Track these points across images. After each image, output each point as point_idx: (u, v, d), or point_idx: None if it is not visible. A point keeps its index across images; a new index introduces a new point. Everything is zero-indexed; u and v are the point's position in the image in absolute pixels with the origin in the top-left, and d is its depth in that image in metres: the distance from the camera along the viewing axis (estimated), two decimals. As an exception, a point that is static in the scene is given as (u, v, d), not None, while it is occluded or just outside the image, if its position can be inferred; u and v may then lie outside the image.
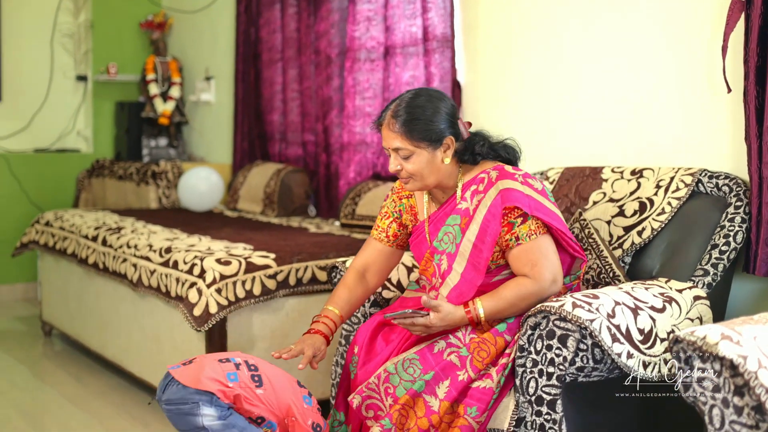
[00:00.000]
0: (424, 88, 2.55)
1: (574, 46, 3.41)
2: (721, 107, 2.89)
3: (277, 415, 2.37)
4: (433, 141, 2.45)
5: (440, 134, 2.45)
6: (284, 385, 2.40)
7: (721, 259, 2.65)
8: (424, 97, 2.47)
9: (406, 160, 2.46)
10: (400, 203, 2.71)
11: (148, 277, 3.55)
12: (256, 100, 5.50)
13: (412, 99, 2.46)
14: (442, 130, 2.45)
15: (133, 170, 5.71)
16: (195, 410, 2.27)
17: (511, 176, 2.46)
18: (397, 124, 2.44)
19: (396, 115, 2.44)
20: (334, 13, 4.75)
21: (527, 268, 2.42)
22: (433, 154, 2.46)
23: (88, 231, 4.25)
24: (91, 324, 4.24)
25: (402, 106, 2.45)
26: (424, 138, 2.44)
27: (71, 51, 6.38)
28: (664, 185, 2.89)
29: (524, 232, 2.42)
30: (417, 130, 2.43)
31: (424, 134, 2.43)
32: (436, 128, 2.44)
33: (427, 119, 2.43)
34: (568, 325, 2.25)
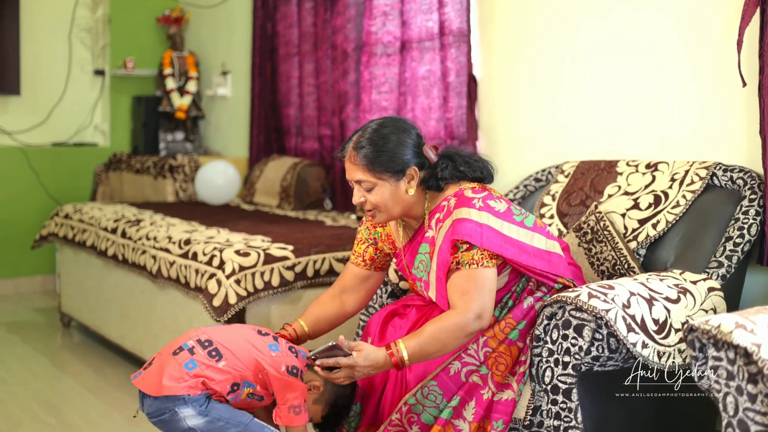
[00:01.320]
0: (389, 117, 2.49)
1: (590, 40, 3.43)
2: (735, 101, 2.91)
3: (249, 375, 2.34)
4: (396, 172, 2.40)
5: (403, 165, 2.40)
6: (242, 344, 2.35)
7: (735, 252, 2.67)
8: (389, 128, 2.42)
9: (369, 192, 2.41)
10: (375, 231, 2.69)
11: (168, 268, 3.59)
12: (272, 94, 5.53)
13: (376, 130, 2.41)
14: (405, 161, 2.40)
15: (150, 164, 5.76)
16: (175, 416, 2.28)
17: (468, 203, 2.37)
18: (358, 156, 2.39)
19: (357, 147, 2.40)
20: (351, 8, 4.76)
21: (456, 296, 2.33)
22: (396, 185, 2.42)
23: (108, 223, 4.30)
24: (110, 315, 4.29)
25: (364, 137, 2.41)
26: (387, 169, 2.39)
27: (89, 45, 6.43)
28: (678, 178, 2.91)
29: (466, 260, 2.34)
30: (379, 162, 2.38)
31: (386, 166, 2.38)
32: (398, 159, 2.39)
33: (389, 151, 2.38)
34: (583, 315, 2.28)
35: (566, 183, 3.29)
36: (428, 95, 4.22)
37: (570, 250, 2.65)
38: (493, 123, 3.90)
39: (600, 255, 2.88)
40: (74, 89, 6.37)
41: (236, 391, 2.34)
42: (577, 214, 3.13)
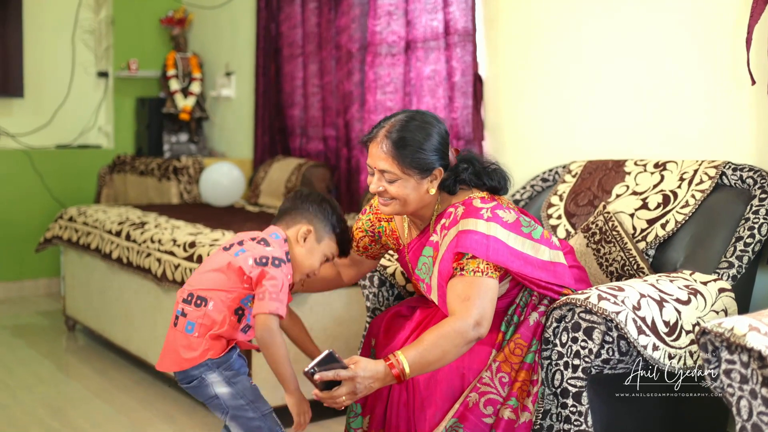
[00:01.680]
0: (419, 111, 2.41)
1: (596, 38, 3.41)
2: (745, 99, 2.89)
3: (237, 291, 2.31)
4: (423, 170, 2.34)
5: (431, 165, 2.34)
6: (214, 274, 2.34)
7: (746, 252, 2.64)
8: (418, 122, 2.35)
9: (391, 183, 2.35)
10: (379, 225, 2.63)
11: (173, 271, 3.57)
12: (276, 95, 5.51)
13: (407, 122, 2.35)
14: (433, 161, 2.34)
15: (154, 166, 5.74)
16: (203, 383, 2.32)
17: (476, 213, 2.32)
18: (389, 146, 2.32)
19: (389, 136, 2.32)
20: (355, 8, 4.75)
21: (458, 301, 2.25)
22: (420, 183, 2.35)
23: (112, 226, 4.28)
24: (115, 318, 4.27)
25: (396, 127, 2.34)
26: (415, 167, 2.32)
27: (92, 47, 6.41)
28: (687, 178, 2.89)
29: (471, 267, 2.27)
30: (409, 158, 2.31)
31: (415, 163, 2.32)
32: (428, 158, 2.33)
33: (419, 148, 2.32)
34: (593, 317, 2.25)
35: (574, 183, 3.26)
36: (433, 95, 4.19)
37: (575, 253, 2.62)
38: (500, 123, 3.88)
39: (609, 256, 2.86)
40: (78, 91, 6.34)
41: (244, 313, 2.32)
42: (585, 214, 3.11)
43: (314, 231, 2.45)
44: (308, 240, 2.44)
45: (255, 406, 2.34)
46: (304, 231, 2.44)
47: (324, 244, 2.47)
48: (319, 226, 2.46)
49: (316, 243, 2.46)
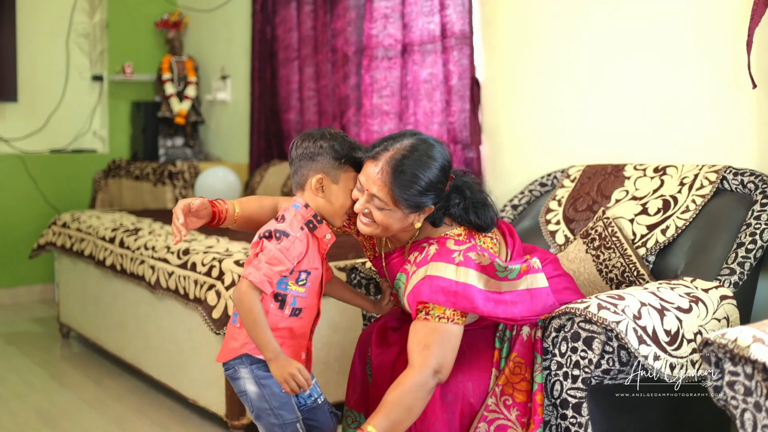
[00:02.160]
0: (425, 141, 2.27)
1: (594, 41, 3.37)
2: (745, 103, 2.86)
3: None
4: (414, 207, 2.25)
5: (423, 204, 2.25)
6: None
7: (748, 258, 2.60)
8: (422, 154, 2.22)
9: (378, 210, 2.25)
10: (355, 228, 2.53)
11: (166, 279, 3.53)
12: (272, 98, 5.47)
13: (410, 152, 2.22)
14: (426, 200, 2.25)
15: (149, 170, 5.70)
16: (235, 374, 2.33)
17: (448, 256, 2.24)
18: (388, 174, 2.22)
19: (390, 164, 2.22)
20: (351, 11, 4.70)
21: (417, 349, 2.20)
22: (407, 216, 2.27)
23: (106, 233, 4.24)
24: (109, 326, 4.23)
25: (399, 155, 2.22)
26: (408, 203, 2.23)
27: (87, 51, 6.38)
28: (688, 183, 2.85)
29: (436, 313, 2.22)
30: (405, 194, 2.21)
31: (410, 200, 2.23)
32: (422, 196, 2.23)
33: (417, 185, 2.21)
34: (593, 327, 2.21)
35: (572, 188, 3.23)
36: (430, 99, 4.15)
37: (558, 261, 2.57)
38: (497, 126, 3.84)
39: (608, 262, 2.82)
40: (72, 95, 6.31)
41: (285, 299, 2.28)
42: (584, 219, 3.07)
43: (325, 175, 2.32)
44: (325, 187, 2.32)
45: (278, 413, 2.30)
46: (314, 183, 2.31)
47: (341, 180, 2.33)
48: (326, 167, 2.32)
49: (334, 184, 2.32)
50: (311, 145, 2.32)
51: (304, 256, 2.27)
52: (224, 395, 3.21)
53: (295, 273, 2.28)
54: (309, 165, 2.32)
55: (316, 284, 2.35)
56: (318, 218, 2.31)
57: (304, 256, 2.27)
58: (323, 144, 2.31)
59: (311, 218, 2.31)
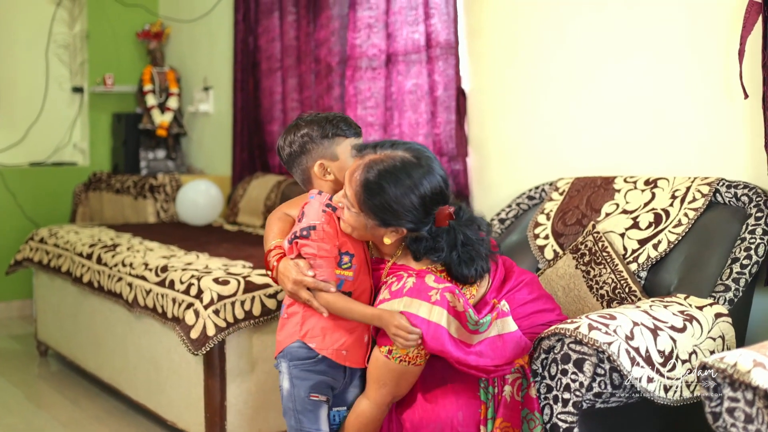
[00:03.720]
0: (419, 158, 2.19)
1: (583, 50, 3.31)
2: (738, 113, 2.79)
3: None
4: (380, 222, 2.19)
5: (390, 222, 2.18)
6: None
7: (743, 274, 2.53)
8: (402, 169, 2.15)
9: (347, 209, 2.22)
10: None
11: (144, 297, 3.42)
12: (255, 110, 5.38)
13: (391, 164, 2.16)
14: (392, 220, 2.18)
15: (130, 183, 5.59)
16: (278, 368, 2.35)
17: (425, 294, 2.14)
18: (359, 182, 2.17)
19: (366, 168, 2.17)
20: (335, 21, 4.62)
21: (375, 384, 2.24)
22: (376, 228, 2.21)
23: (83, 248, 4.13)
24: (87, 345, 4.11)
25: (377, 164, 2.16)
26: (372, 215, 2.18)
27: (67, 62, 6.28)
28: (680, 196, 2.78)
29: (398, 354, 2.18)
30: (368, 203, 2.17)
31: (373, 212, 2.18)
32: (387, 215, 2.17)
33: (382, 200, 2.15)
34: (584, 348, 2.13)
35: (561, 201, 3.15)
36: (415, 110, 4.07)
37: (538, 282, 2.49)
38: (484, 138, 3.76)
39: (599, 278, 2.74)
40: (52, 107, 6.20)
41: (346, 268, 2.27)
42: (574, 234, 3.00)
43: (322, 159, 2.34)
44: (328, 169, 2.34)
45: (299, 417, 2.29)
46: (317, 171, 2.34)
47: (339, 153, 2.35)
48: (319, 152, 2.34)
49: (334, 162, 2.34)
50: (295, 140, 2.35)
51: (338, 238, 2.26)
52: (203, 417, 3.11)
53: (337, 257, 2.26)
54: (304, 158, 2.35)
55: (362, 266, 2.31)
56: (325, 208, 2.30)
57: (338, 237, 2.26)
58: (305, 132, 2.34)
59: (328, 201, 2.30)
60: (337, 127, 2.34)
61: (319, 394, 2.29)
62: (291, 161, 2.38)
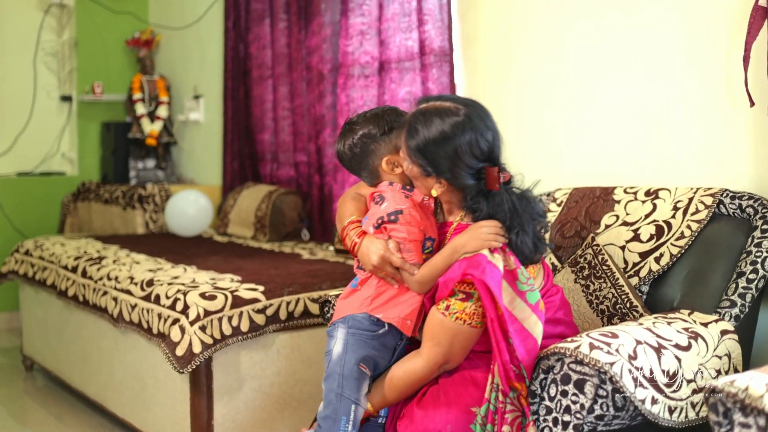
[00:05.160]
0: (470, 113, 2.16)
1: (581, 58, 3.23)
2: (742, 122, 2.71)
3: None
4: (420, 167, 2.17)
5: (430, 171, 2.16)
6: None
7: (749, 289, 2.44)
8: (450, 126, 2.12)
9: (404, 161, 2.22)
10: None
11: (129, 312, 3.32)
12: (246, 119, 5.29)
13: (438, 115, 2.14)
14: (434, 169, 2.16)
15: (119, 194, 5.49)
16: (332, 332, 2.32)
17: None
18: (406, 127, 2.18)
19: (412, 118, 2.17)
20: (326, 28, 4.54)
21: (429, 342, 2.17)
22: (422, 178, 2.20)
23: (68, 261, 4.03)
24: (72, 360, 4.01)
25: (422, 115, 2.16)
26: (411, 158, 2.18)
27: (55, 70, 6.20)
28: (682, 207, 2.68)
29: (456, 309, 2.11)
30: (412, 149, 2.16)
31: (410, 153, 2.18)
32: (420, 156, 2.15)
33: (415, 140, 2.15)
34: (585, 368, 2.03)
35: (559, 212, 3.05)
36: (409, 119, 3.98)
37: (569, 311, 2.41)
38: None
39: (599, 293, 2.65)
40: (40, 116, 6.12)
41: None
42: (572, 246, 2.90)
43: (388, 154, 2.30)
44: (397, 162, 2.29)
45: (341, 382, 2.24)
46: (386, 167, 2.31)
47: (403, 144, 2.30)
48: (384, 149, 2.30)
49: (399, 152, 2.27)
50: (356, 143, 2.31)
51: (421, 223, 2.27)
52: (190, 436, 3.01)
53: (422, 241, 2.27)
54: (369, 159, 2.32)
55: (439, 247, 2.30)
56: (407, 187, 2.30)
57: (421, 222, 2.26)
58: (363, 133, 2.31)
59: (402, 189, 2.30)
60: (393, 120, 2.31)
61: (366, 367, 2.27)
62: (356, 164, 2.35)
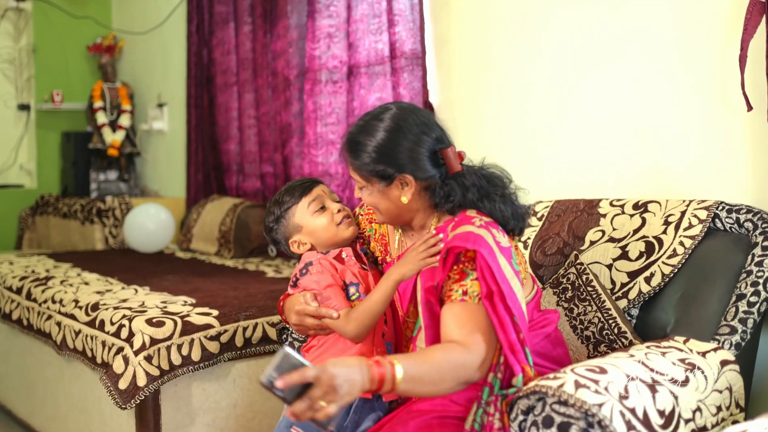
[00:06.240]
0: (402, 105, 2.10)
1: (562, 59, 3.06)
2: (738, 128, 2.53)
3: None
4: (382, 177, 2.02)
5: (387, 173, 2.02)
6: None
7: (750, 313, 2.22)
8: (389, 120, 2.02)
9: (360, 190, 2.10)
10: (369, 227, 2.34)
11: (73, 338, 3.06)
12: (210, 128, 5.06)
13: (370, 120, 2.05)
14: (397, 165, 2.01)
15: (77, 207, 5.23)
16: None
17: (468, 220, 1.97)
18: (344, 149, 2.08)
19: (349, 140, 2.06)
20: (292, 30, 4.33)
21: (464, 330, 1.87)
22: (386, 190, 2.04)
23: (13, 282, 3.76)
24: (18, 388, 3.75)
25: (354, 129, 2.07)
26: (370, 174, 2.03)
27: (12, 78, 6.01)
28: (674, 221, 2.47)
29: (475, 291, 1.90)
30: (357, 162, 2.04)
31: (367, 169, 2.03)
32: (378, 164, 2.02)
33: (365, 152, 2.02)
34: (569, 410, 1.78)
35: (540, 227, 2.83)
36: (379, 126, 3.76)
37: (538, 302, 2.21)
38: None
39: (584, 317, 2.43)
40: (-4, 126, 5.91)
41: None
42: (554, 264, 2.68)
43: (291, 238, 2.26)
44: (301, 240, 2.26)
45: None
46: (296, 249, 2.27)
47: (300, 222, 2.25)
48: (285, 233, 2.27)
49: (300, 232, 2.25)
50: (269, 237, 2.31)
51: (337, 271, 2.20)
52: (137, 476, 2.75)
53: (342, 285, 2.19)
54: (283, 246, 2.30)
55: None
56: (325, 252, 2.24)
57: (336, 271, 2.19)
58: (268, 227, 2.30)
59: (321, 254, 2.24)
60: (282, 204, 2.26)
61: (301, 429, 2.11)
62: (280, 249, 2.34)
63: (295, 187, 2.28)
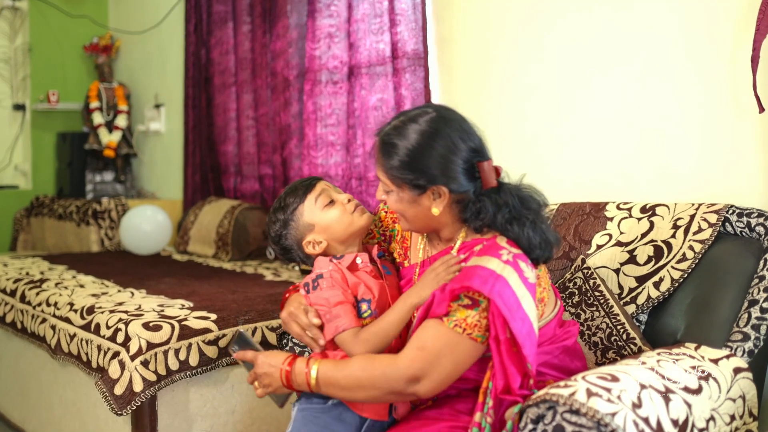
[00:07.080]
0: (441, 109, 2.02)
1: (567, 60, 3.02)
2: (749, 129, 2.49)
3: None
4: (414, 186, 1.94)
5: (426, 180, 1.93)
6: None
7: (764, 320, 2.17)
8: (427, 124, 1.95)
9: (387, 194, 2.02)
10: (393, 226, 2.28)
11: (68, 342, 3.00)
12: (208, 129, 5.01)
13: (408, 122, 1.96)
14: (431, 176, 1.93)
15: (73, 209, 5.17)
16: None
17: (495, 251, 1.89)
18: (377, 150, 2.00)
19: (383, 138, 1.98)
20: (292, 30, 4.29)
21: (413, 345, 1.88)
22: (416, 199, 1.96)
23: (7, 284, 3.70)
24: (11, 392, 3.69)
25: (390, 126, 1.98)
26: (400, 180, 1.95)
27: (7, 78, 5.96)
28: (683, 225, 2.42)
29: (457, 317, 1.84)
30: (387, 165, 1.96)
31: (396, 174, 1.95)
32: (410, 172, 1.94)
33: (397, 155, 1.93)
34: (581, 419, 1.72)
35: (545, 231, 2.77)
36: (380, 128, 3.72)
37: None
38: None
39: (591, 322, 2.38)
40: (-9, 126, 5.87)
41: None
42: (560, 269, 2.63)
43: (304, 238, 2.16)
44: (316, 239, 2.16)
45: None
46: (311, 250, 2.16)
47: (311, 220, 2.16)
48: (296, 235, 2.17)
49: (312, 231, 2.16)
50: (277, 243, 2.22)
51: (349, 285, 2.10)
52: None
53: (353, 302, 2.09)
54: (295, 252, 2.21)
55: (385, 305, 2.11)
56: (337, 256, 2.15)
57: (348, 284, 2.09)
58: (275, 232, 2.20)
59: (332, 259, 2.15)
60: (286, 208, 2.18)
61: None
62: (292, 258, 2.23)
63: (297, 188, 2.21)
